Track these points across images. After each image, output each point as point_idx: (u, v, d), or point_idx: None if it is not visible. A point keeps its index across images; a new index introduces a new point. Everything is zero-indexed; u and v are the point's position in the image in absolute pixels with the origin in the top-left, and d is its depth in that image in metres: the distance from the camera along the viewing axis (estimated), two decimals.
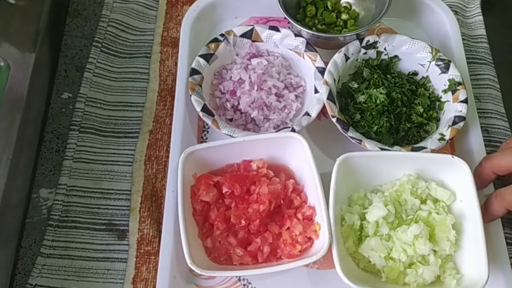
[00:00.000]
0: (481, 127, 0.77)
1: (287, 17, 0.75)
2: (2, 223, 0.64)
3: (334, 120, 0.69)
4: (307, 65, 0.76)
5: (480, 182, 0.66)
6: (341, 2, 0.83)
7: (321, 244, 0.62)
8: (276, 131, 0.70)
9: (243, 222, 0.64)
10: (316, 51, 0.75)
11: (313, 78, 0.74)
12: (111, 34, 0.85)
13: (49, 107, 0.79)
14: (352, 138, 0.69)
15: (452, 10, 0.85)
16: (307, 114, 0.71)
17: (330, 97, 0.71)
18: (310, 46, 0.76)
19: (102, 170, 0.74)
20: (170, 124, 0.75)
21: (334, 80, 0.73)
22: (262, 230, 0.65)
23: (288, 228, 0.65)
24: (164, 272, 0.64)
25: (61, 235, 0.69)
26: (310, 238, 0.64)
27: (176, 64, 0.80)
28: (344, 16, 0.82)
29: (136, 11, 0.88)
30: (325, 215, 0.62)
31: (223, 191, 0.66)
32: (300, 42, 0.76)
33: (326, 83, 0.72)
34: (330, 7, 0.82)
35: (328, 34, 0.78)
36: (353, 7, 0.83)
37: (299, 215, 0.65)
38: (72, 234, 0.69)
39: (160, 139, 0.77)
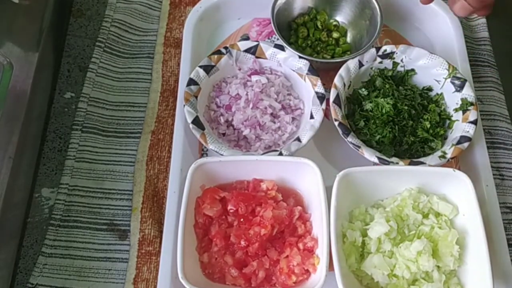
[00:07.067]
0: (484, 129, 0.77)
1: (284, 44, 0.75)
2: (4, 222, 0.64)
3: (336, 123, 0.69)
4: (307, 88, 0.74)
5: None
6: (330, 20, 0.84)
7: (317, 279, 0.60)
8: (264, 153, 0.69)
9: (242, 243, 0.63)
10: (318, 76, 0.74)
11: (311, 103, 0.73)
12: (114, 34, 0.85)
13: (51, 107, 0.79)
14: (351, 143, 0.68)
15: None
16: (298, 139, 0.70)
17: (336, 100, 0.70)
18: (312, 69, 0.74)
19: (104, 170, 0.74)
20: (172, 124, 0.75)
21: (344, 84, 0.72)
22: (260, 254, 0.64)
23: (287, 256, 0.63)
24: (165, 273, 0.64)
25: (63, 235, 0.69)
26: (307, 271, 0.63)
27: (178, 64, 0.80)
28: (335, 35, 0.82)
29: (139, 11, 0.88)
30: (326, 251, 0.60)
31: (228, 208, 0.65)
32: (303, 64, 0.75)
33: (335, 86, 0.71)
34: (320, 26, 0.83)
35: (325, 60, 0.79)
36: (341, 25, 0.83)
37: (300, 245, 0.64)
38: (73, 233, 0.70)
39: (162, 139, 0.77)
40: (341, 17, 0.83)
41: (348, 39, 0.83)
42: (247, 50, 0.77)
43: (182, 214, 0.63)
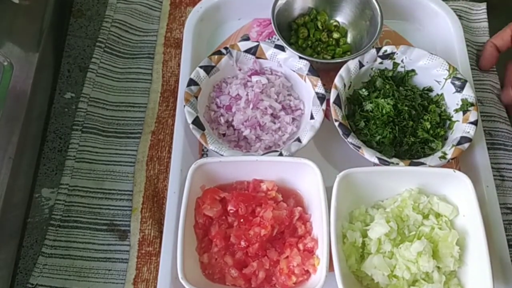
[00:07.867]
0: (484, 130, 0.77)
1: (285, 45, 0.75)
2: (4, 222, 0.64)
3: (336, 124, 0.69)
4: (308, 89, 0.74)
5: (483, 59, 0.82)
6: (331, 21, 0.84)
7: (317, 279, 0.60)
8: (264, 153, 0.69)
9: (242, 243, 0.63)
10: (318, 76, 0.74)
11: (311, 103, 0.73)
12: (114, 35, 0.85)
13: (51, 107, 0.79)
14: (352, 144, 0.68)
15: (457, 14, 0.85)
16: (298, 140, 0.70)
17: (337, 101, 0.70)
18: (313, 69, 0.74)
19: (104, 170, 0.74)
20: (173, 125, 0.75)
21: (345, 85, 0.73)
22: (260, 255, 0.64)
23: (287, 257, 0.63)
24: (165, 273, 0.64)
25: (63, 235, 0.69)
26: (307, 271, 0.63)
27: (179, 65, 0.80)
28: (335, 35, 0.82)
29: (139, 11, 0.88)
30: (326, 252, 0.60)
31: (228, 208, 0.65)
32: (303, 65, 0.75)
33: (336, 86, 0.71)
34: (320, 27, 0.83)
35: (326, 60, 0.79)
36: (341, 25, 0.83)
37: (300, 246, 0.64)
38: (73, 234, 0.70)
39: (162, 139, 0.77)
40: (342, 18, 0.83)
41: (349, 39, 0.83)
42: (247, 51, 0.77)
43: (182, 215, 0.63)
